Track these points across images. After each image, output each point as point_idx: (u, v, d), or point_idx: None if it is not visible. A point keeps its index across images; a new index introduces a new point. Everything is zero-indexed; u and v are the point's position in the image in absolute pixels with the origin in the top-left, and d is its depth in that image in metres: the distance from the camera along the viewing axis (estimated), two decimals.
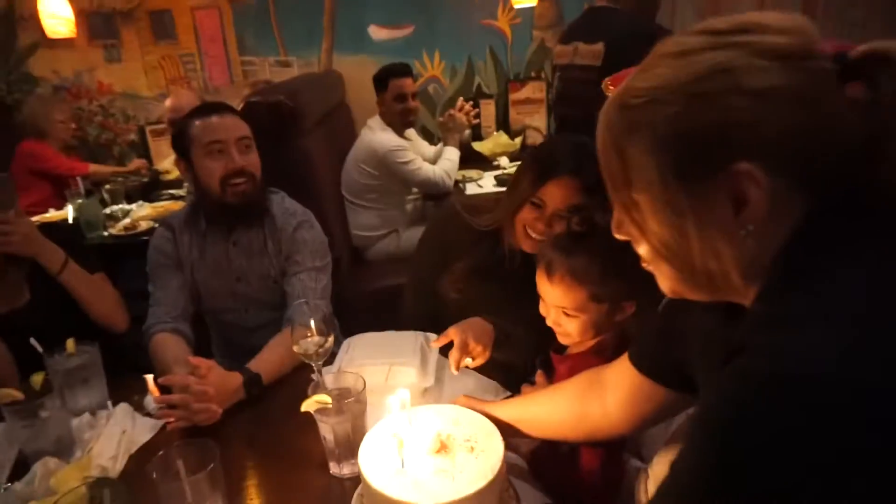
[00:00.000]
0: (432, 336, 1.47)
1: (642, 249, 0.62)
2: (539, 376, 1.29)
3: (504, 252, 1.54)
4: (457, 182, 3.07)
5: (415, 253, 1.82)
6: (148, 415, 1.33)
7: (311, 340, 1.29)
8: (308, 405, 1.08)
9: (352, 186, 3.00)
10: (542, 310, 1.17)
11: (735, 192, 0.53)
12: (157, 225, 2.74)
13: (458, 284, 1.61)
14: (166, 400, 1.23)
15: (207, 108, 1.62)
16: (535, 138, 3.80)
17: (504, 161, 3.38)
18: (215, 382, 1.28)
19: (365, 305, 2.60)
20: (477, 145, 3.55)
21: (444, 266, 1.63)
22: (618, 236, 0.67)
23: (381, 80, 2.93)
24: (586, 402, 0.98)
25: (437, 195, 3.12)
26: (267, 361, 1.44)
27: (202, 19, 3.64)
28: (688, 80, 0.54)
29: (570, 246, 1.10)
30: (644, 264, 0.66)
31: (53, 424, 1.16)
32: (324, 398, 1.09)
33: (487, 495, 0.91)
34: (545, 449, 1.11)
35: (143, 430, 1.27)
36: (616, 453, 1.05)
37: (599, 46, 2.06)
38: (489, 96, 3.79)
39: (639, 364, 0.90)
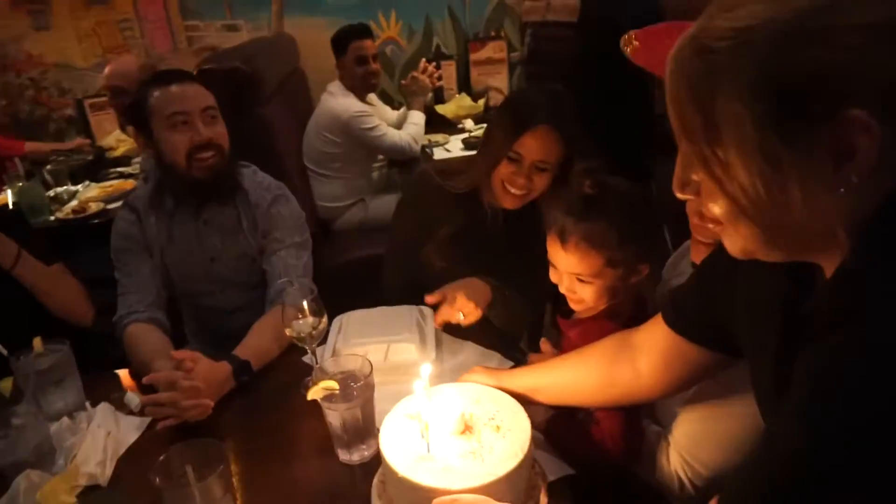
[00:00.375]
0: (427, 310, 1.42)
1: (717, 208, 0.57)
2: (544, 344, 1.26)
3: (485, 213, 1.52)
4: (424, 147, 2.98)
5: (392, 223, 1.77)
6: (131, 413, 1.24)
7: (304, 322, 1.22)
8: (315, 392, 1.02)
9: (314, 156, 2.87)
10: (554, 277, 1.13)
11: (842, 142, 0.48)
12: (108, 206, 2.63)
13: (442, 252, 1.58)
14: (154, 399, 1.14)
15: (167, 77, 1.48)
16: (498, 99, 3.71)
17: (469, 123, 3.29)
18: (204, 375, 1.20)
19: (336, 280, 2.50)
20: (440, 108, 3.45)
21: (424, 234, 1.60)
22: (680, 196, 0.62)
23: (341, 43, 2.78)
24: (616, 367, 0.95)
25: (403, 161, 3.03)
26: (254, 347, 1.36)
27: None
28: (787, 17, 0.48)
29: (584, 210, 1.05)
30: (709, 224, 0.61)
31: (30, 432, 1.06)
32: (331, 384, 1.02)
33: (519, 475, 0.88)
34: (561, 418, 1.08)
35: (128, 430, 1.18)
36: (636, 418, 1.03)
37: (574, 0, 1.99)
38: (449, 57, 3.67)
39: (675, 324, 0.87)
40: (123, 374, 1.38)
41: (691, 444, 0.97)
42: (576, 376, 1.01)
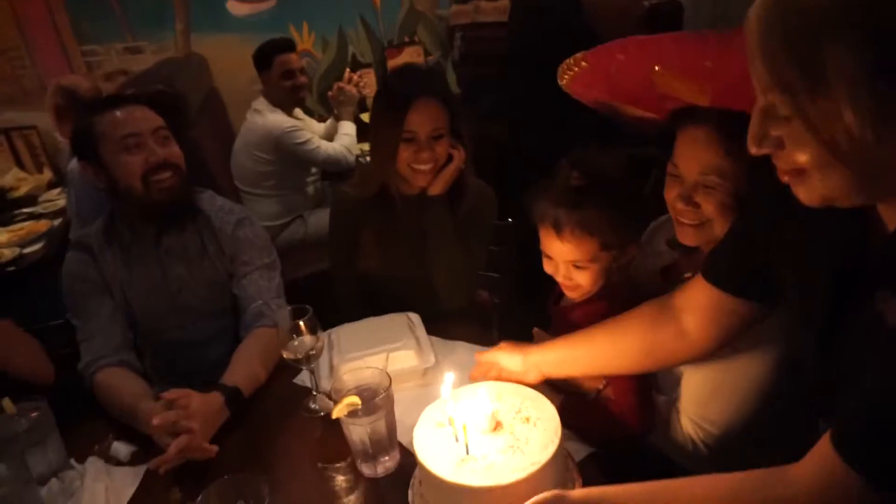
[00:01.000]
0: (414, 316, 1.43)
1: (804, 156, 0.60)
2: (538, 333, 1.30)
3: (399, 206, 1.55)
4: (357, 157, 2.95)
5: (328, 244, 1.77)
6: (120, 463, 1.16)
7: (301, 342, 1.19)
8: (340, 411, 1.00)
9: (246, 176, 2.78)
10: (549, 267, 1.17)
11: None
12: (24, 251, 2.41)
13: (373, 257, 1.62)
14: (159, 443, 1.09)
15: (111, 101, 1.42)
16: None
17: None
18: (199, 410, 1.14)
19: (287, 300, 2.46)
20: (365, 116, 3.42)
21: (355, 246, 1.64)
22: (756, 152, 0.65)
23: (265, 58, 2.71)
24: (659, 331, 0.99)
25: (337, 174, 2.99)
26: (241, 373, 1.31)
27: (21, 3, 3.10)
28: None
29: (575, 199, 1.09)
30: (783, 176, 0.65)
31: (22, 501, 0.97)
32: (354, 399, 1.01)
33: (557, 460, 0.91)
34: (575, 401, 1.12)
35: (125, 482, 1.11)
36: (646, 390, 1.09)
37: (504, 1, 2.06)
38: (367, 65, 3.66)
39: (718, 281, 0.92)
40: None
41: (698, 406, 1.04)
42: (614, 345, 1.04)
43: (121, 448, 1.18)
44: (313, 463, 1.11)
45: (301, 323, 1.18)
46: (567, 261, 1.13)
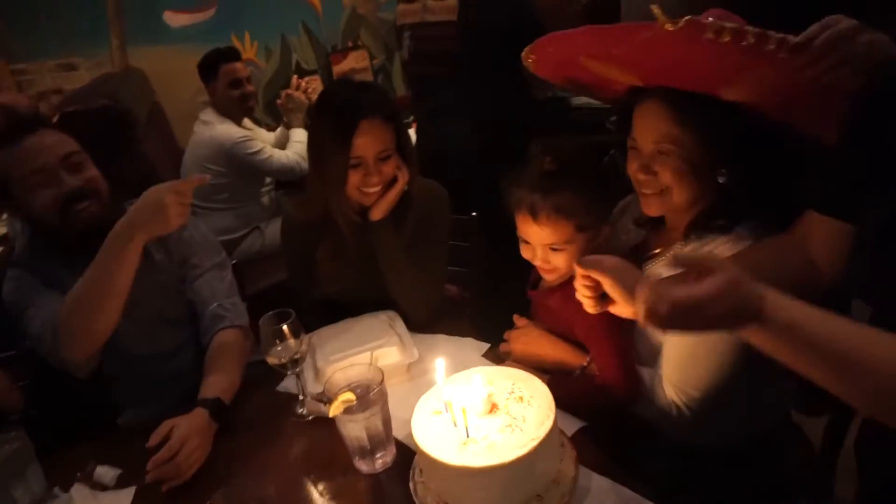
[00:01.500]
0: (392, 312, 1.44)
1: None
2: (518, 319, 1.33)
3: (344, 230, 1.47)
4: None
5: (285, 263, 1.73)
6: (106, 488, 1.13)
7: (285, 346, 1.19)
8: (336, 408, 1.01)
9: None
10: (526, 252, 1.20)
11: None
12: None
13: (330, 275, 1.56)
14: (157, 476, 1.08)
15: (15, 130, 1.31)
16: None
17: None
18: (188, 433, 1.12)
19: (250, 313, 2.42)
20: None
21: (312, 264, 1.57)
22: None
23: (211, 68, 2.65)
24: (783, 272, 0.98)
25: (291, 183, 2.96)
26: (218, 383, 1.29)
27: None
28: None
29: (550, 184, 1.12)
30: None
31: None
32: (349, 396, 1.02)
33: (554, 434, 0.94)
34: (561, 378, 1.16)
35: None
36: (630, 360, 1.13)
37: (453, 1, 2.09)
38: (312, 72, 3.64)
39: (832, 210, 0.94)
40: None
41: (679, 371, 1.08)
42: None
43: (105, 472, 1.14)
44: (309, 467, 1.11)
45: (284, 327, 1.17)
46: (544, 244, 1.16)
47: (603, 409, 1.12)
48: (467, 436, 0.93)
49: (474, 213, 1.89)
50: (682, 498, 1.06)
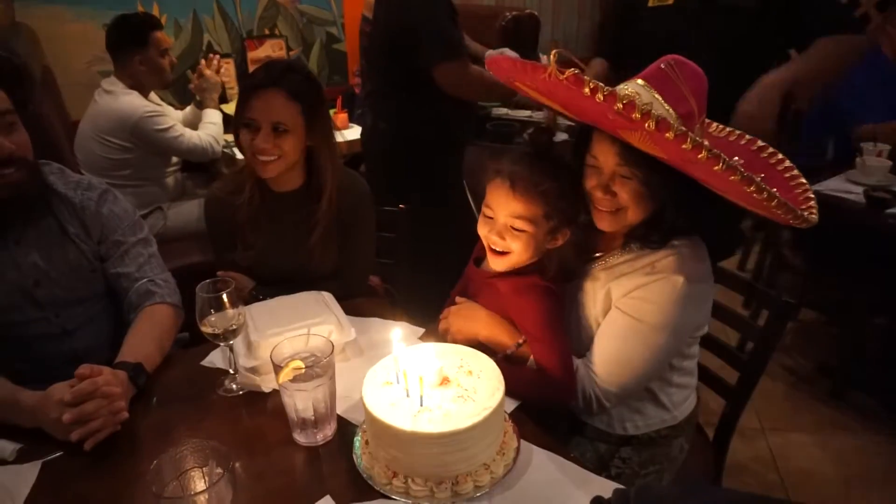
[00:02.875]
0: (327, 294, 1.42)
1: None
2: (459, 299, 1.34)
3: (258, 201, 1.56)
4: (223, 148, 2.80)
5: (210, 244, 1.70)
6: (6, 462, 1.02)
7: (222, 316, 1.14)
8: (285, 375, 0.98)
9: (95, 163, 2.51)
10: (484, 229, 1.19)
11: None
12: None
13: (249, 249, 1.59)
14: (80, 414, 1.00)
15: None
16: None
17: None
18: (112, 381, 1.06)
19: None
20: (225, 107, 3.25)
21: (236, 242, 1.59)
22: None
23: (140, 33, 2.45)
24: None
25: (199, 165, 2.82)
26: (140, 351, 1.22)
27: None
28: None
29: (534, 161, 1.14)
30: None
31: None
32: (298, 364, 1.00)
33: (502, 406, 0.98)
34: (509, 368, 1.16)
35: (16, 482, 0.97)
36: (566, 349, 1.16)
37: None
38: (226, 55, 3.48)
39: None
40: None
41: (604, 367, 1.14)
42: None
43: (3, 446, 1.03)
44: (242, 441, 1.07)
45: (224, 296, 1.13)
46: (511, 216, 1.14)
47: (548, 402, 1.16)
48: (421, 405, 0.94)
49: (402, 206, 1.91)
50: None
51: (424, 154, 2.15)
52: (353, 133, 3.05)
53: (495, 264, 1.21)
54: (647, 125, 0.84)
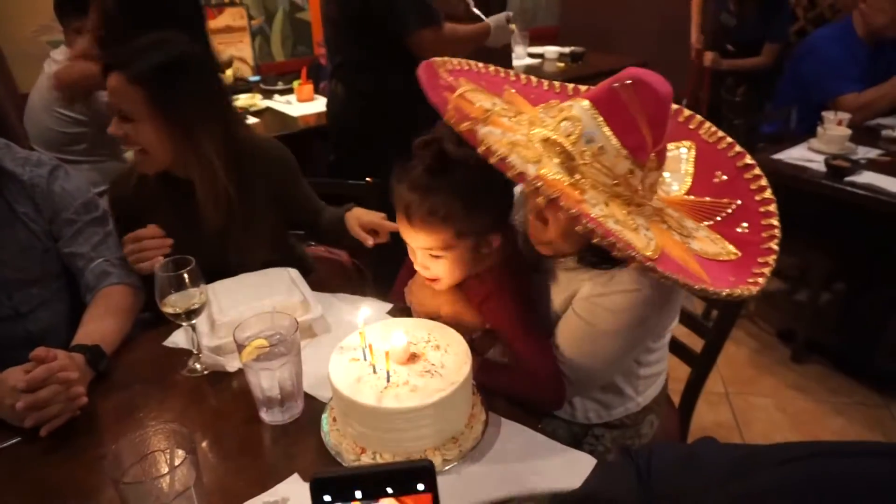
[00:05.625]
0: (293, 270, 1.39)
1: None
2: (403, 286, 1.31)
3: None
4: None
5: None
6: None
7: (184, 295, 1.11)
8: (248, 354, 0.96)
9: (48, 138, 2.40)
10: (410, 254, 1.14)
11: None
12: None
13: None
14: (35, 402, 0.96)
15: None
16: (245, 71, 3.56)
17: None
18: (68, 365, 1.03)
19: None
20: None
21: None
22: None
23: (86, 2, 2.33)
24: None
25: None
26: (98, 332, 1.19)
27: None
28: None
29: (427, 184, 1.01)
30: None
31: None
32: (261, 342, 0.98)
33: (470, 379, 0.98)
34: (487, 364, 1.14)
35: None
36: (548, 346, 1.11)
37: None
38: None
39: None
40: None
41: (567, 349, 1.09)
42: None
43: None
44: (207, 421, 1.05)
45: (185, 275, 1.10)
46: (422, 248, 1.08)
47: (534, 405, 1.11)
48: (388, 381, 0.93)
49: (368, 180, 1.88)
50: None
51: (402, 126, 2.10)
52: (319, 105, 2.99)
53: (432, 284, 1.16)
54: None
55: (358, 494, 0.47)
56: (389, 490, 0.47)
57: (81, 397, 1.03)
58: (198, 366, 1.17)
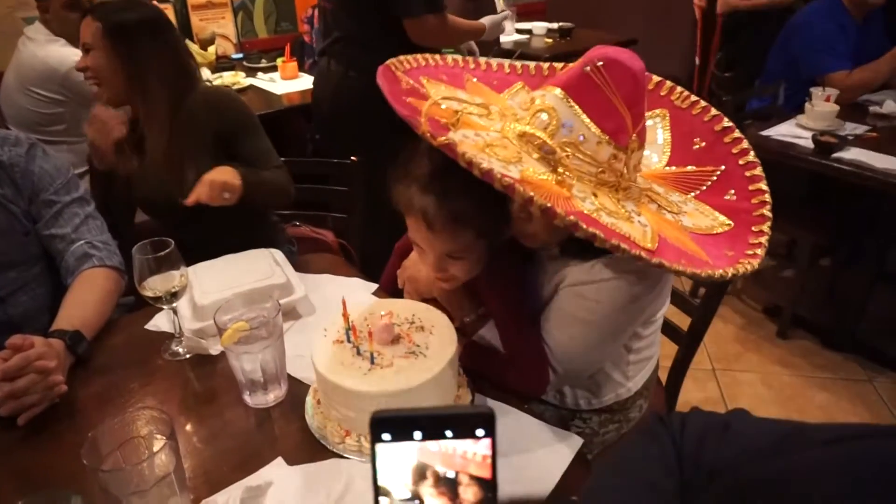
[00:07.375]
0: (276, 251, 1.37)
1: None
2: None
3: None
4: None
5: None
6: None
7: (165, 278, 1.09)
8: (229, 338, 0.94)
9: (25, 118, 2.35)
10: (421, 259, 1.10)
11: None
12: None
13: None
14: (12, 391, 0.94)
15: None
16: (228, 48, 3.48)
17: (206, 73, 3.02)
18: (46, 353, 1.01)
19: None
20: None
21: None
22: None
23: None
24: None
25: None
26: (77, 316, 1.16)
27: None
28: None
29: (443, 187, 0.96)
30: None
31: None
32: (242, 325, 0.96)
33: (456, 359, 0.97)
34: (474, 347, 1.13)
35: None
36: (536, 333, 1.08)
37: None
38: (164, 0, 3.27)
39: None
40: None
41: (558, 345, 1.06)
42: None
43: None
44: (191, 405, 1.04)
45: (163, 256, 1.07)
46: (442, 252, 1.03)
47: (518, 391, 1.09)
48: (372, 363, 0.92)
49: (353, 158, 1.85)
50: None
51: (379, 108, 2.07)
52: (303, 83, 2.94)
53: (445, 287, 1.12)
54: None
55: (417, 435, 0.47)
56: (449, 434, 0.47)
57: (60, 385, 1.00)
58: (180, 349, 1.15)
